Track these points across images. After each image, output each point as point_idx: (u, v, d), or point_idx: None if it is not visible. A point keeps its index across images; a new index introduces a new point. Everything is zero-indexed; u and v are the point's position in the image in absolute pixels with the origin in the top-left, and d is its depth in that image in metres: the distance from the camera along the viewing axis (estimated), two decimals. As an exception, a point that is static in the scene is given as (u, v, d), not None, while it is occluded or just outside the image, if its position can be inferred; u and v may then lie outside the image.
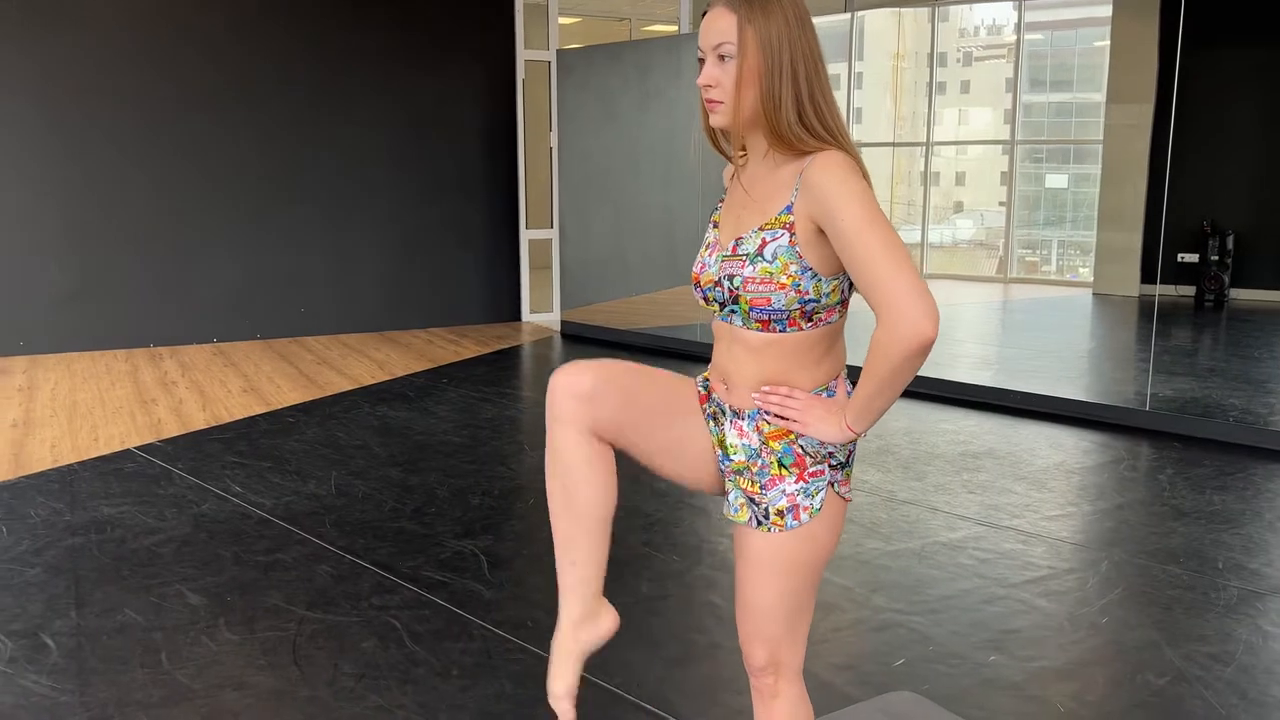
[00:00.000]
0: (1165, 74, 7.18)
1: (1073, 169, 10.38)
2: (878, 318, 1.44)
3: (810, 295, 1.52)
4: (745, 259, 1.53)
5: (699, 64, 1.56)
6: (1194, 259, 8.25)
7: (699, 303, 1.64)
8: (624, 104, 8.32)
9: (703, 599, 3.14)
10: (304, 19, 7.52)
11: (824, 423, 1.55)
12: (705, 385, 1.72)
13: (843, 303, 1.58)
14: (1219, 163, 8.15)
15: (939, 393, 5.73)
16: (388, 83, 7.80)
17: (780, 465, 1.59)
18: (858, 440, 1.63)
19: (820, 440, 1.58)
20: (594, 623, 1.65)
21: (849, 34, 10.15)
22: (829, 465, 1.60)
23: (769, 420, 1.59)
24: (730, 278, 1.54)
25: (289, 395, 5.82)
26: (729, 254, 1.56)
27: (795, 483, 1.59)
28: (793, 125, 1.50)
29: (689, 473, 1.70)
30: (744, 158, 1.63)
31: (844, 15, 9.95)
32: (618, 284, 8.57)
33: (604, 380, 1.59)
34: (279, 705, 2.52)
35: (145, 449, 4.72)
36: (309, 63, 7.57)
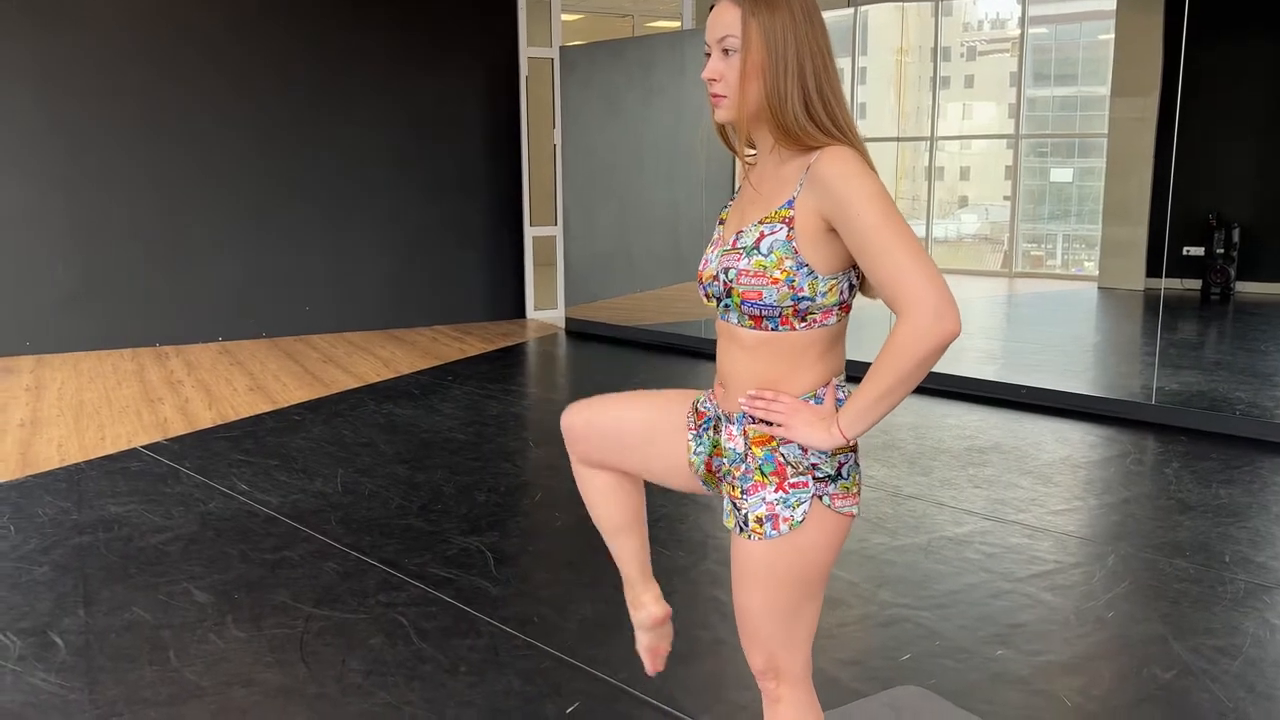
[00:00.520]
0: (1170, 67, 7.16)
1: (1077, 163, 10.35)
2: (899, 314, 1.41)
3: (805, 293, 1.48)
4: (742, 252, 1.50)
5: (705, 58, 1.54)
6: (1199, 252, 8.22)
7: (702, 300, 1.62)
8: (627, 100, 8.31)
9: (708, 595, 3.15)
10: (307, 17, 7.53)
11: (810, 428, 1.50)
12: (706, 401, 1.72)
13: (841, 305, 1.53)
14: (1224, 156, 8.12)
15: (945, 387, 5.72)
16: (391, 81, 7.81)
17: (760, 473, 1.55)
18: (853, 452, 1.57)
19: (806, 447, 1.52)
20: (639, 610, 2.00)
21: (852, 29, 10.14)
22: (813, 478, 1.54)
23: (755, 426, 1.56)
24: (726, 270, 1.52)
25: (295, 393, 5.83)
26: (729, 248, 1.54)
27: (775, 492, 1.54)
28: (799, 120, 1.47)
29: (677, 483, 1.83)
30: (753, 154, 1.61)
31: (847, 10, 9.94)
32: (622, 280, 8.57)
33: (590, 420, 1.86)
34: (287, 702, 2.53)
35: (152, 448, 4.74)
36: (312, 61, 7.58)
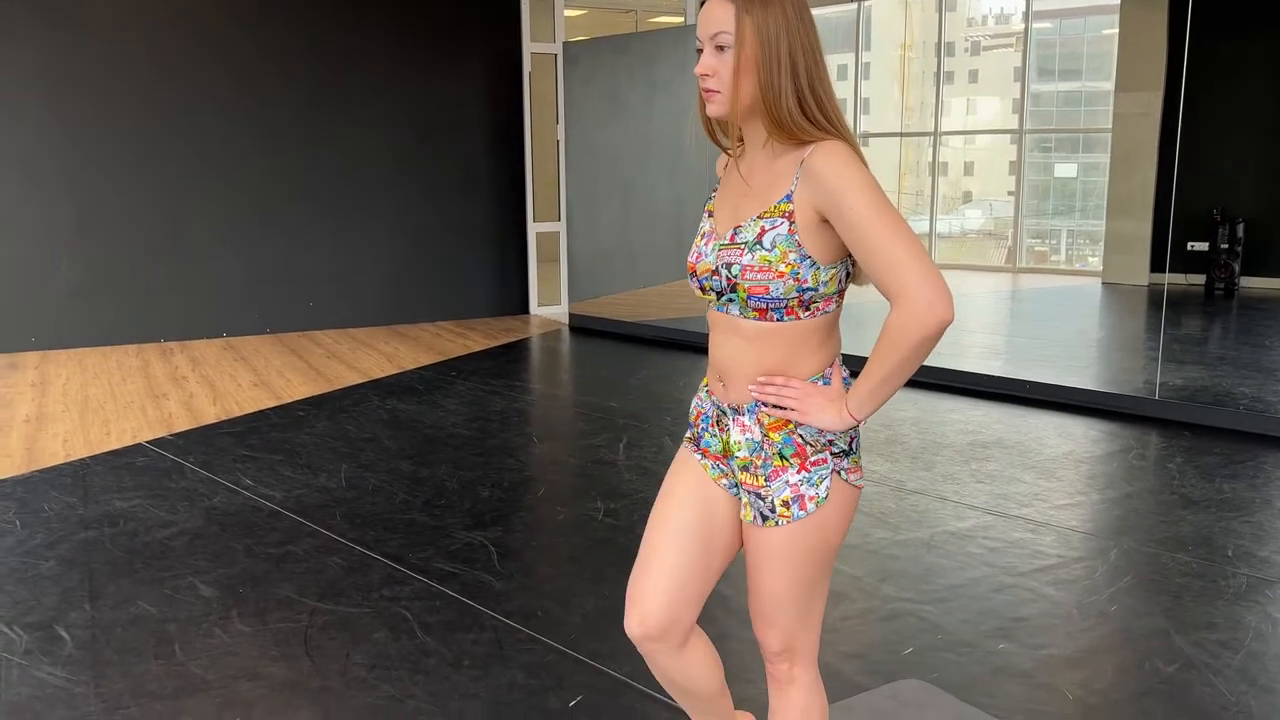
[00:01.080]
0: (1174, 61, 7.14)
1: (1081, 158, 10.33)
2: (892, 303, 1.45)
3: (809, 284, 1.52)
4: (744, 247, 1.54)
5: (697, 54, 1.56)
6: (1204, 247, 8.19)
7: (695, 292, 1.64)
8: (631, 96, 8.31)
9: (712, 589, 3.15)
10: (310, 14, 7.53)
11: (823, 411, 1.56)
12: (701, 403, 1.72)
13: (839, 293, 1.58)
14: (1229, 150, 8.09)
15: (948, 382, 5.72)
16: (395, 77, 7.81)
17: (781, 456, 1.60)
18: (860, 427, 1.63)
19: (820, 428, 1.58)
20: None
21: (856, 23, 10.13)
22: (831, 453, 1.60)
23: (769, 412, 1.59)
24: (728, 266, 1.55)
25: (299, 389, 5.84)
26: (727, 243, 1.57)
27: (798, 473, 1.59)
28: (793, 115, 1.50)
29: (732, 545, 1.76)
30: (740, 148, 1.64)
31: (851, 5, 9.93)
32: (625, 276, 8.57)
33: (659, 607, 1.69)
34: (292, 695, 2.54)
35: (156, 443, 4.75)
36: (316, 58, 7.58)
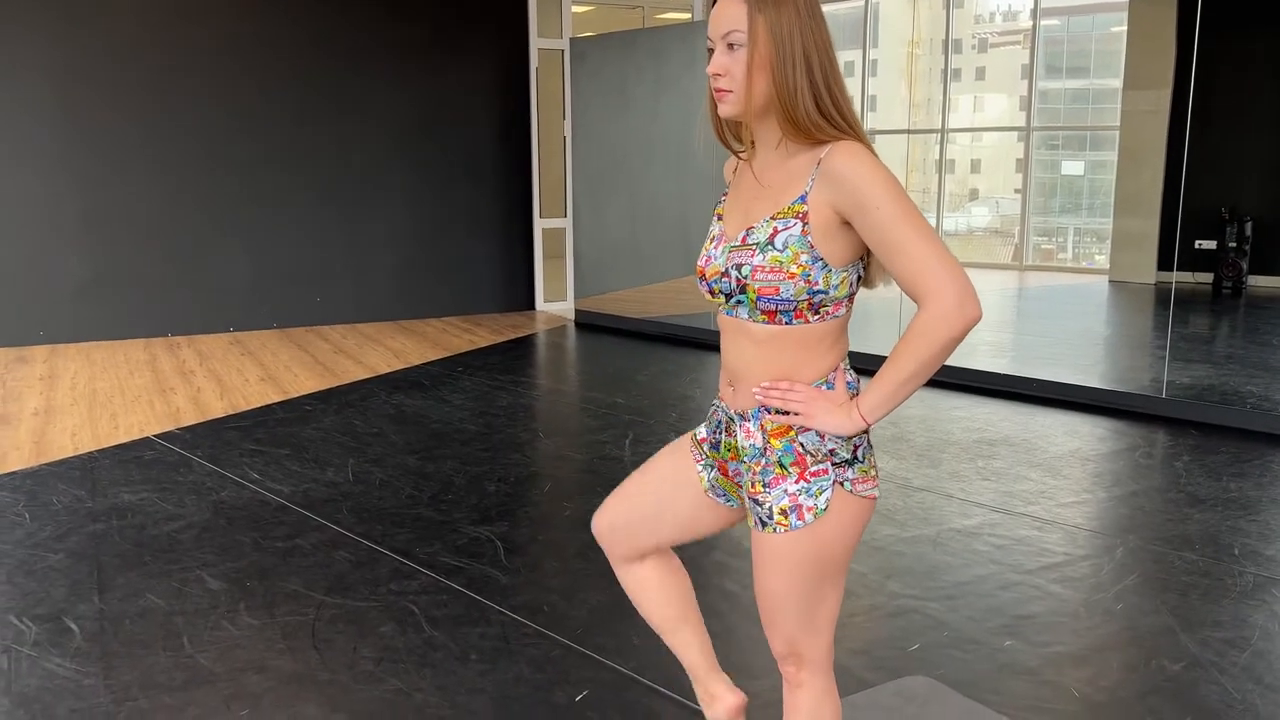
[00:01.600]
0: (1183, 59, 7.12)
1: (1089, 156, 10.30)
2: (920, 303, 1.44)
3: (819, 286, 1.51)
4: (755, 248, 1.52)
5: (708, 53, 1.55)
6: (1212, 246, 8.18)
7: (704, 296, 1.63)
8: (638, 92, 8.31)
9: (716, 585, 3.16)
10: (318, 9, 7.54)
11: (830, 414, 1.53)
12: (713, 412, 1.74)
13: (849, 297, 1.57)
14: (1237, 148, 8.07)
15: (954, 380, 5.72)
16: (402, 73, 7.82)
17: (780, 465, 1.57)
18: (868, 436, 1.60)
19: (825, 434, 1.55)
20: (712, 704, 1.93)
21: (863, 20, 10.11)
22: (832, 463, 1.57)
23: (771, 418, 1.57)
24: (739, 267, 1.53)
25: (306, 384, 5.86)
26: (738, 244, 1.55)
27: (796, 482, 1.56)
28: (810, 114, 1.49)
29: (708, 519, 1.82)
30: (750, 150, 1.62)
31: (858, 1, 9.91)
32: (632, 273, 8.57)
33: (613, 510, 1.86)
34: (299, 688, 2.55)
35: (164, 437, 4.77)
36: (324, 53, 7.59)
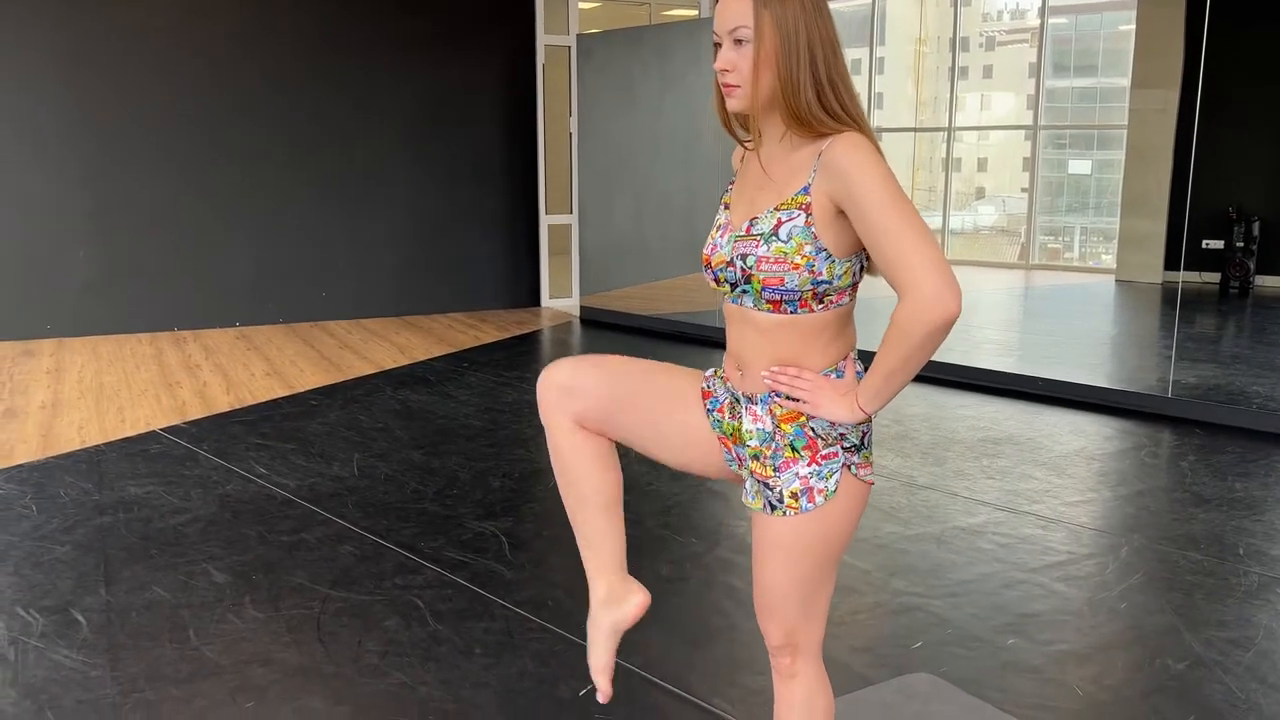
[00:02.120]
0: (1191, 58, 7.09)
1: (1096, 155, 10.29)
2: (900, 295, 1.45)
3: (823, 276, 1.52)
4: (760, 239, 1.54)
5: (714, 49, 1.56)
6: (1219, 245, 8.16)
7: (710, 284, 1.65)
8: (644, 88, 8.30)
9: (721, 581, 3.16)
10: (326, 5, 7.55)
11: (834, 404, 1.55)
12: (713, 381, 1.73)
13: (853, 286, 1.58)
14: (1245, 148, 8.05)
15: (960, 378, 5.71)
16: (408, 68, 7.82)
17: (792, 448, 1.60)
18: (871, 422, 1.63)
19: (831, 421, 1.58)
20: (620, 603, 1.75)
21: (871, 18, 10.09)
22: (842, 447, 1.60)
23: (780, 403, 1.60)
24: (743, 257, 1.55)
25: (311, 378, 5.87)
26: (743, 234, 1.57)
27: (808, 465, 1.59)
28: (812, 107, 1.51)
29: (687, 461, 1.75)
30: (757, 141, 1.63)
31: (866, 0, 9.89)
32: (637, 269, 8.57)
33: (582, 371, 1.69)
34: (305, 681, 2.56)
35: (170, 430, 4.78)
36: (331, 49, 7.60)
